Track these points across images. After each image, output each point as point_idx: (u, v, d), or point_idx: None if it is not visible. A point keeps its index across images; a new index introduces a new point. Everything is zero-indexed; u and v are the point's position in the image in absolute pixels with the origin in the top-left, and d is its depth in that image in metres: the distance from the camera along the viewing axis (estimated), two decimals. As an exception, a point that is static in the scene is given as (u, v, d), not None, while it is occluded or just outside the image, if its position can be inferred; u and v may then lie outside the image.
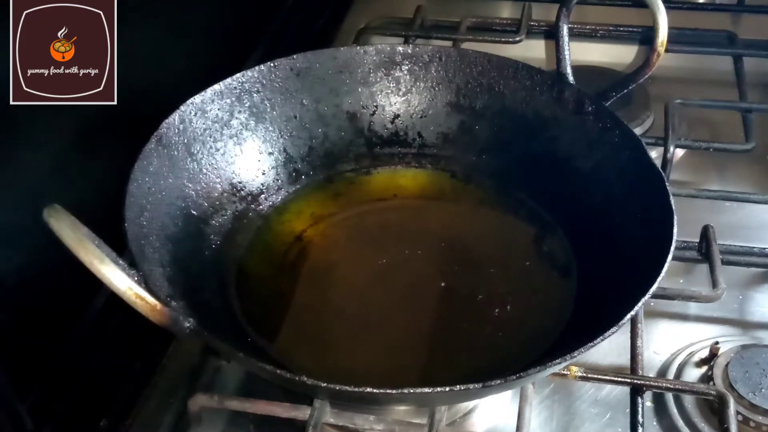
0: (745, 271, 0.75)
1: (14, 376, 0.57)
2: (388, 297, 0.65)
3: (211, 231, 0.66)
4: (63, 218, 0.45)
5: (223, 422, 0.64)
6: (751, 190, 0.83)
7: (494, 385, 0.49)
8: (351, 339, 0.62)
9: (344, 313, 0.63)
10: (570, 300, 0.63)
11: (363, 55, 0.75)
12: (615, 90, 0.70)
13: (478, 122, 0.75)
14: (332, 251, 0.68)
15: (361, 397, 0.55)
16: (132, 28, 0.60)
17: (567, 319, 0.61)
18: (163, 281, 0.55)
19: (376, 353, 0.61)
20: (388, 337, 0.62)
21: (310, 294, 0.64)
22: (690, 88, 0.96)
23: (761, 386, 0.63)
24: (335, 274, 0.66)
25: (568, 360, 0.50)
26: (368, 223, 0.71)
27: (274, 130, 0.72)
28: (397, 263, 0.67)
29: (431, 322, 0.62)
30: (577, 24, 1.02)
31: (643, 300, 0.53)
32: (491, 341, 0.61)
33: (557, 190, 0.70)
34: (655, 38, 0.67)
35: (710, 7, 1.08)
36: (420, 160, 0.76)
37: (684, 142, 0.85)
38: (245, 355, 0.50)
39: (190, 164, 0.66)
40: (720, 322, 0.72)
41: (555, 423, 0.64)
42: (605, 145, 0.67)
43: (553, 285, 0.65)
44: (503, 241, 0.69)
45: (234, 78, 0.70)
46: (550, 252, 0.68)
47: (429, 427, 0.57)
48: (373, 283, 0.66)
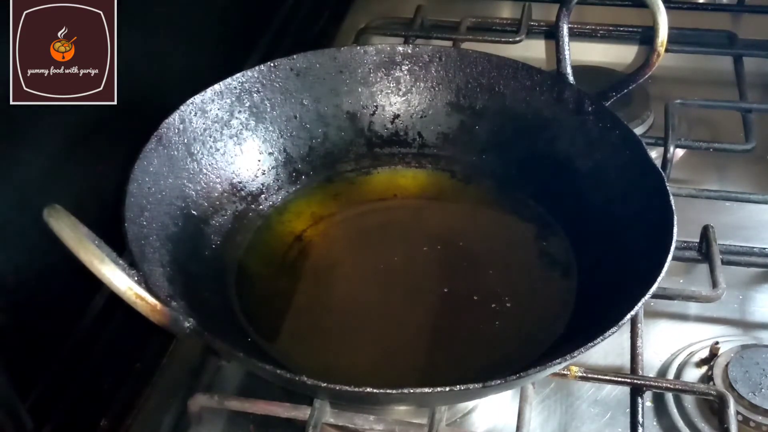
0: (745, 271, 0.75)
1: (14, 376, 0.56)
2: (388, 297, 0.65)
3: (211, 231, 0.66)
4: (63, 218, 0.45)
5: (223, 422, 0.64)
6: (751, 190, 0.83)
7: (494, 385, 0.49)
8: (351, 339, 0.62)
9: (344, 313, 0.63)
10: (570, 300, 0.63)
11: (363, 55, 0.75)
12: (615, 90, 0.71)
13: (478, 122, 0.75)
14: (332, 251, 0.68)
15: (361, 397, 0.55)
16: (132, 28, 0.60)
17: (567, 319, 0.61)
18: (163, 281, 0.55)
19: (376, 353, 0.61)
20: (388, 337, 0.62)
21: (310, 294, 0.64)
22: (690, 88, 0.96)
23: (761, 386, 0.63)
24: (335, 274, 0.66)
25: (568, 360, 0.50)
26: (368, 223, 0.71)
27: (274, 130, 0.73)
28: (397, 263, 0.67)
29: (431, 322, 0.62)
30: (577, 24, 1.02)
31: (643, 300, 0.53)
32: (491, 341, 0.61)
33: (557, 190, 0.70)
34: (655, 38, 0.67)
35: (710, 7, 1.08)
36: (420, 160, 0.76)
37: (684, 142, 0.85)
38: (245, 355, 0.50)
39: (190, 164, 0.66)
40: (720, 322, 0.72)
41: (555, 423, 0.64)
42: (605, 145, 0.67)
43: (553, 285, 0.65)
44: (503, 241, 0.69)
45: (234, 78, 0.70)
46: (551, 252, 0.68)
47: (429, 427, 0.57)
48: (373, 283, 0.66)
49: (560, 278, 0.66)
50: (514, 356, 0.58)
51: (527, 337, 0.61)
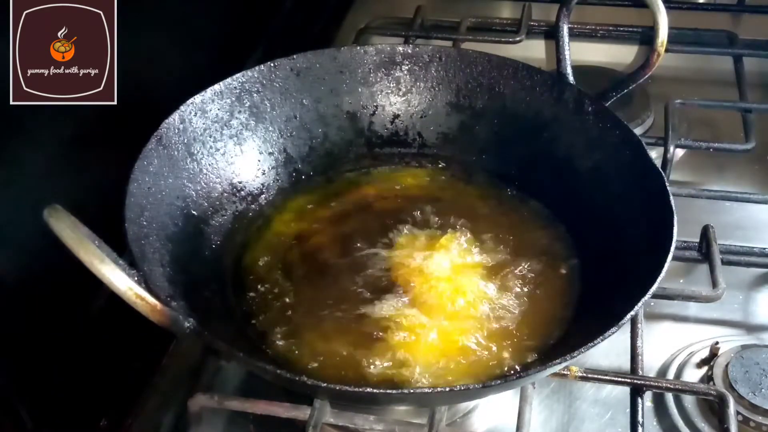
0: (745, 271, 0.75)
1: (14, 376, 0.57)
2: (389, 297, 0.65)
3: (211, 231, 0.66)
4: (63, 218, 0.45)
5: (223, 422, 0.64)
6: (751, 190, 0.83)
7: (494, 385, 0.49)
8: (351, 339, 0.62)
9: (344, 313, 0.63)
10: (570, 300, 0.63)
11: (363, 55, 0.75)
12: (615, 90, 0.71)
13: (478, 122, 0.75)
14: (332, 251, 0.68)
15: (361, 397, 0.55)
16: (132, 28, 0.60)
17: (567, 319, 0.61)
18: (163, 281, 0.55)
19: (376, 353, 0.61)
20: (388, 336, 0.62)
21: (310, 294, 0.64)
22: (690, 88, 0.96)
23: (761, 386, 0.63)
24: (335, 274, 0.66)
25: (568, 360, 0.50)
26: (368, 223, 0.71)
27: (274, 130, 0.72)
28: (397, 263, 0.67)
29: (432, 322, 0.62)
30: (577, 24, 1.02)
31: (644, 300, 0.53)
32: (491, 341, 0.61)
33: (557, 190, 0.70)
34: (655, 38, 0.67)
35: (710, 7, 1.08)
36: (420, 160, 0.76)
37: (684, 142, 0.85)
38: (245, 355, 0.50)
39: (190, 164, 0.66)
40: (720, 322, 0.72)
41: (555, 423, 0.64)
42: (605, 145, 0.67)
43: (552, 285, 0.65)
44: (503, 242, 0.69)
45: (234, 78, 0.70)
46: (551, 252, 0.67)
47: (429, 427, 0.57)
48: (374, 283, 0.66)
49: (560, 278, 0.66)
50: (515, 356, 0.58)
51: (528, 336, 0.61)
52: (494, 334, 0.61)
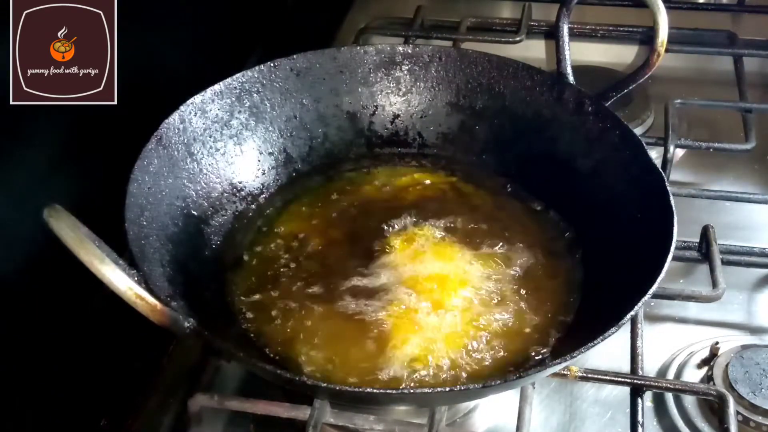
0: (745, 272, 0.75)
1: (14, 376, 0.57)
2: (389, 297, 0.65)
3: (211, 231, 0.66)
4: (63, 218, 0.45)
5: (223, 422, 0.64)
6: (751, 190, 0.83)
7: (494, 385, 0.49)
8: (351, 339, 0.62)
9: (345, 313, 0.63)
10: (570, 300, 0.63)
11: (363, 55, 0.75)
12: (615, 90, 0.70)
13: (478, 122, 0.75)
14: (332, 251, 0.68)
15: (361, 397, 0.55)
16: (132, 28, 0.60)
17: (567, 319, 0.61)
18: (163, 281, 0.55)
19: (376, 353, 0.61)
20: (388, 336, 0.62)
21: (310, 293, 0.64)
22: (690, 88, 0.96)
23: (761, 386, 0.63)
24: (335, 273, 0.66)
25: (568, 360, 0.50)
26: (368, 223, 0.71)
27: (274, 130, 0.72)
28: (397, 263, 0.67)
29: (432, 322, 0.62)
30: (577, 24, 1.02)
31: (643, 300, 0.53)
32: (491, 341, 0.61)
33: (557, 190, 0.70)
34: (655, 38, 0.67)
35: (710, 7, 1.08)
36: (420, 160, 0.76)
37: (684, 142, 0.85)
38: (245, 355, 0.50)
39: (190, 164, 0.66)
40: (720, 322, 0.72)
41: (555, 423, 0.64)
42: (605, 145, 0.67)
43: (553, 284, 0.65)
44: (503, 242, 0.69)
45: (234, 78, 0.70)
46: (551, 252, 0.67)
47: (429, 427, 0.57)
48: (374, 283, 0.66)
49: (560, 278, 0.66)
50: (515, 356, 0.58)
51: (528, 336, 0.61)
52: (494, 334, 0.61)
